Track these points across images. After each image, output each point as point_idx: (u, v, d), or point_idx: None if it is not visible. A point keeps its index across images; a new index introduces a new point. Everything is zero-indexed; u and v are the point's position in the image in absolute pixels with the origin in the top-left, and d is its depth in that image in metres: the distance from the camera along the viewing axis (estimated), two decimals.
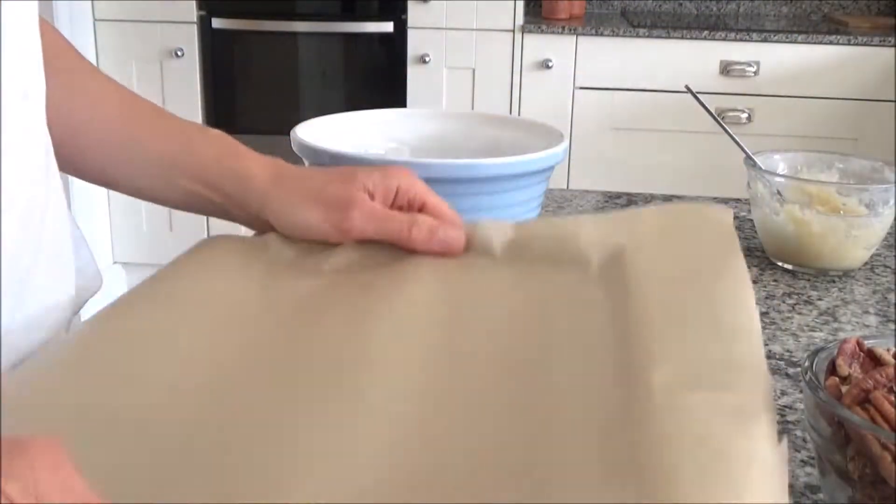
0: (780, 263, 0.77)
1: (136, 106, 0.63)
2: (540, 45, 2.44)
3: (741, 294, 0.47)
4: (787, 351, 0.61)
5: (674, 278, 0.50)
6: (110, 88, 0.63)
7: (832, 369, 0.42)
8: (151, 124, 0.62)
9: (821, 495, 0.44)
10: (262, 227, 0.61)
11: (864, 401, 0.38)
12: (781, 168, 0.81)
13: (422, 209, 0.60)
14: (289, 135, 0.72)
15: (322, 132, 0.76)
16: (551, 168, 0.70)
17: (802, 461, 0.48)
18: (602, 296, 0.51)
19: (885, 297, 0.71)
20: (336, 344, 0.46)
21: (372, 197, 0.59)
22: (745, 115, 2.42)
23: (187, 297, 0.53)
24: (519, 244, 0.58)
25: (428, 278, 0.56)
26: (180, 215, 2.54)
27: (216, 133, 0.62)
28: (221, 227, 2.57)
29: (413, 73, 2.49)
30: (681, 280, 0.50)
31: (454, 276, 0.56)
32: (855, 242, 0.73)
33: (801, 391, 0.55)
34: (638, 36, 2.41)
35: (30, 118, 0.50)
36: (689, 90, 0.85)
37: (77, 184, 0.61)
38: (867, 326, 0.66)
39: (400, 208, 0.60)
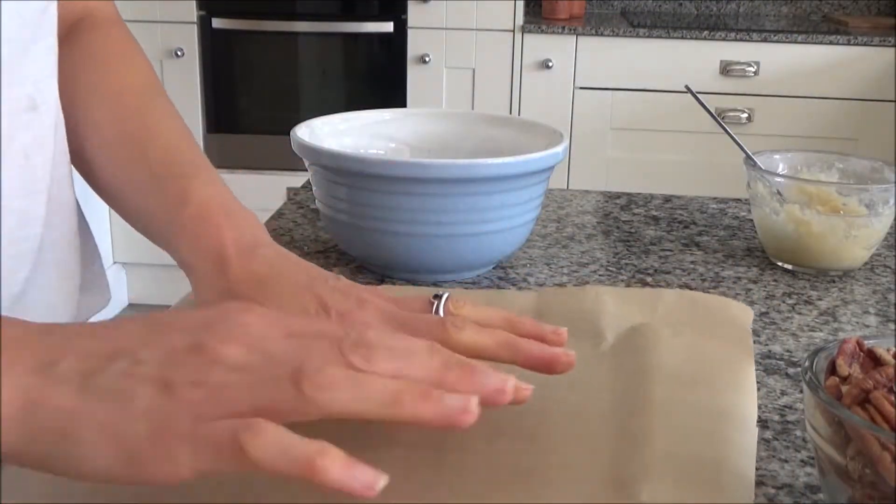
0: (780, 263, 0.77)
1: (121, 147, 0.57)
2: (540, 45, 2.44)
3: (747, 409, 0.50)
4: (787, 351, 0.61)
5: (684, 379, 0.52)
6: (108, 115, 0.58)
7: (832, 369, 0.42)
8: (126, 174, 0.56)
9: (821, 495, 0.44)
10: None
11: (864, 401, 0.38)
12: (781, 168, 0.81)
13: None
14: (289, 135, 0.72)
15: (322, 132, 0.76)
16: (551, 168, 0.70)
17: (802, 461, 0.48)
18: (612, 378, 0.53)
19: (885, 297, 0.71)
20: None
21: None
22: (745, 115, 2.42)
23: None
24: (539, 312, 0.60)
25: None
26: None
27: (174, 196, 0.54)
28: None
29: (413, 73, 2.49)
30: (691, 384, 0.52)
31: None
32: (855, 242, 0.73)
33: (801, 391, 0.55)
34: (638, 36, 2.41)
35: (35, 128, 0.49)
36: (689, 90, 0.85)
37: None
38: (867, 326, 0.66)
39: None
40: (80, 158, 0.59)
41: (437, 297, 0.49)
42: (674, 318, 0.60)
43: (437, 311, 0.48)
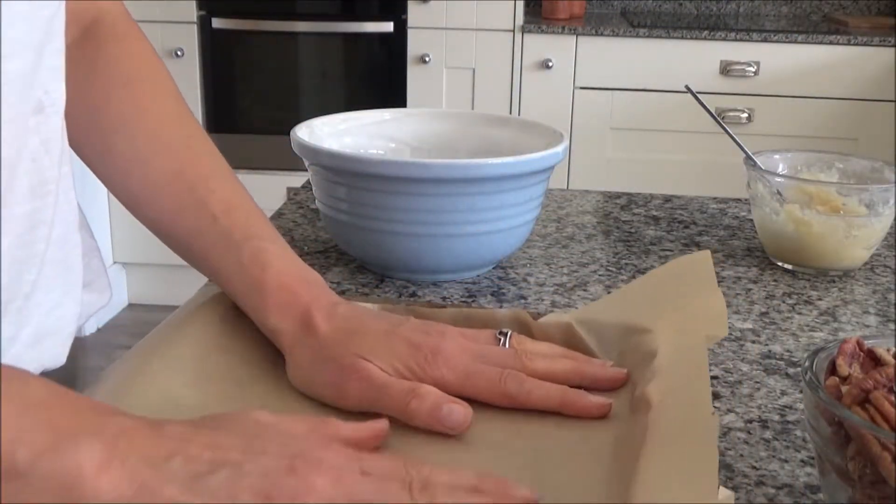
0: (780, 263, 0.77)
1: (180, 192, 0.59)
2: (540, 45, 2.44)
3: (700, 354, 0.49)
4: (787, 351, 0.61)
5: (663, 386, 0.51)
6: (167, 161, 0.60)
7: (832, 369, 0.42)
8: (189, 223, 0.59)
9: (821, 495, 0.44)
10: None
11: (864, 401, 0.38)
12: (781, 168, 0.81)
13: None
14: (289, 135, 0.72)
15: (322, 132, 0.76)
16: (551, 168, 0.70)
17: (802, 461, 0.48)
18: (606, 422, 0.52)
19: (885, 297, 0.71)
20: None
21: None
22: (745, 115, 2.42)
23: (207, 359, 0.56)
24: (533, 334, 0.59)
25: None
26: None
27: (251, 254, 0.57)
28: None
29: (413, 73, 2.49)
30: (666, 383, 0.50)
31: None
32: (855, 242, 0.73)
33: (801, 391, 0.55)
34: (638, 36, 2.41)
35: (43, 131, 0.49)
36: (689, 90, 0.85)
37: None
38: (867, 326, 0.66)
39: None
40: (125, 191, 0.61)
41: (503, 333, 0.55)
42: (647, 312, 0.57)
43: (503, 346, 0.54)
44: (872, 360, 0.42)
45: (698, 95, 0.83)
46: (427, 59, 2.46)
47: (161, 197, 0.59)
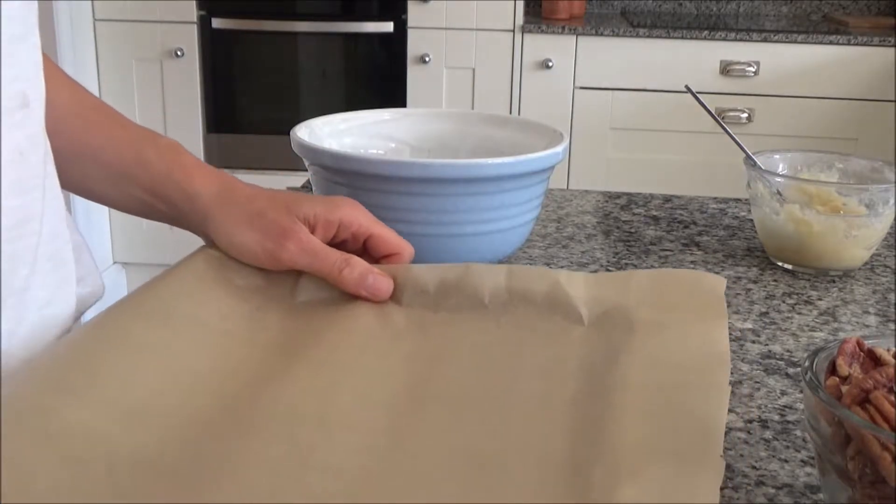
0: (780, 263, 0.77)
1: (90, 111, 0.63)
2: (540, 45, 2.44)
3: (717, 399, 0.47)
4: (787, 351, 0.61)
5: (654, 362, 0.51)
6: (65, 91, 0.62)
7: (832, 369, 0.42)
8: (104, 132, 0.62)
9: (821, 495, 0.44)
10: (208, 238, 0.62)
11: (864, 401, 0.38)
12: (781, 168, 0.81)
13: (367, 241, 0.61)
14: (289, 135, 0.72)
15: (322, 132, 0.76)
16: (551, 168, 0.70)
17: (802, 461, 0.48)
18: (581, 363, 0.52)
19: (885, 297, 0.71)
20: (303, 395, 0.48)
21: (312, 228, 0.59)
22: (745, 115, 2.42)
23: (165, 325, 0.54)
24: (510, 292, 0.58)
25: (405, 329, 0.56)
26: None
27: (167, 143, 0.62)
28: None
29: (413, 73, 2.49)
30: (661, 366, 0.50)
31: (438, 328, 0.56)
32: (855, 242, 0.73)
33: (801, 391, 0.55)
34: (638, 36, 2.41)
35: (28, 125, 0.49)
36: (689, 90, 0.85)
37: None
38: (867, 326, 0.66)
39: (344, 241, 0.61)
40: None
41: None
42: (647, 298, 0.58)
43: None
44: (872, 360, 0.42)
45: (698, 95, 0.83)
46: (427, 59, 2.46)
47: (78, 123, 0.62)
